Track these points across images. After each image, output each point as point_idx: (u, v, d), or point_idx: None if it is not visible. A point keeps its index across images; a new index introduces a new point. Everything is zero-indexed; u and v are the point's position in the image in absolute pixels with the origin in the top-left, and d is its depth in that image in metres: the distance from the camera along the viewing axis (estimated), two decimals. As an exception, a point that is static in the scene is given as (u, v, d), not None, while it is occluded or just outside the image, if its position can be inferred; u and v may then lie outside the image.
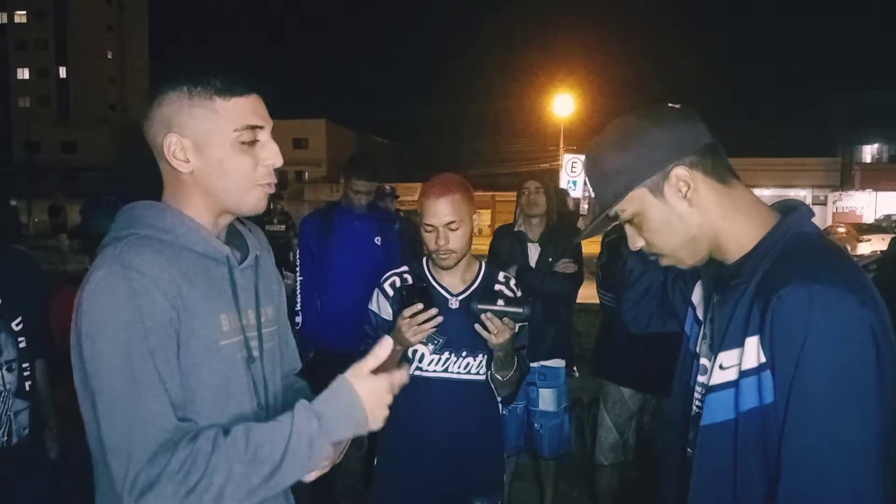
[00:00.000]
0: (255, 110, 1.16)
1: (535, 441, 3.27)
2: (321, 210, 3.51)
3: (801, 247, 1.03)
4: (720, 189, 1.08)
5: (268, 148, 1.18)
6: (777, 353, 0.95)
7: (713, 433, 1.06)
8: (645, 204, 1.09)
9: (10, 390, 1.98)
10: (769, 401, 0.97)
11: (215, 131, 1.12)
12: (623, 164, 1.09)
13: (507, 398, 1.99)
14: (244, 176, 1.15)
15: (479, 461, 1.96)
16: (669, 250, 1.13)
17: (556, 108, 24.65)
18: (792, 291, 0.94)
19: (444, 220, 1.86)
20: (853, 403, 0.91)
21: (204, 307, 1.11)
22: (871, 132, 33.08)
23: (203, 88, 1.12)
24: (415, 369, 1.91)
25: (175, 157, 1.13)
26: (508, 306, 1.75)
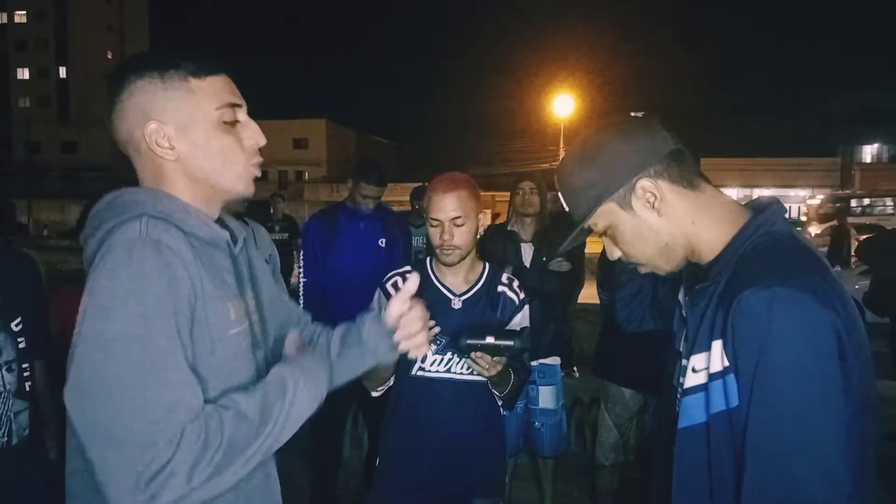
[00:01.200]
0: (230, 89, 1.12)
1: (535, 440, 3.27)
2: (325, 211, 3.51)
3: (767, 248, 1.03)
4: (688, 195, 1.09)
5: (249, 127, 1.14)
6: (739, 356, 0.95)
7: (688, 436, 1.06)
8: (615, 217, 1.11)
9: (9, 391, 1.98)
10: (735, 404, 0.97)
11: (196, 112, 1.08)
12: (589, 180, 1.10)
13: (507, 403, 1.99)
14: (233, 155, 1.11)
15: (481, 461, 1.96)
16: (645, 259, 1.15)
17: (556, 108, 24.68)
18: (751, 295, 0.94)
19: (449, 214, 1.86)
20: (814, 403, 0.90)
21: (215, 294, 1.07)
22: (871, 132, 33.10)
23: (175, 71, 1.07)
24: (417, 369, 1.91)
25: (159, 144, 1.07)
26: (500, 340, 1.70)
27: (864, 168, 32.39)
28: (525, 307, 2.02)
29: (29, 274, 2.17)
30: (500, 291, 1.99)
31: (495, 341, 1.70)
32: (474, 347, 1.71)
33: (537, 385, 3.23)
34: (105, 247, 0.99)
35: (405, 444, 1.94)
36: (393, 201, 19.68)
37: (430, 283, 1.96)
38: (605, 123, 1.14)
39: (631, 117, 1.14)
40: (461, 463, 1.92)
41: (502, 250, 3.25)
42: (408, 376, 1.91)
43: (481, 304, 1.95)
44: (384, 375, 1.93)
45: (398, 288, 1.97)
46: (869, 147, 34.50)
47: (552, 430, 3.25)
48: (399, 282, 1.99)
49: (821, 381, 0.91)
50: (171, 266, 0.98)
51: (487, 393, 1.94)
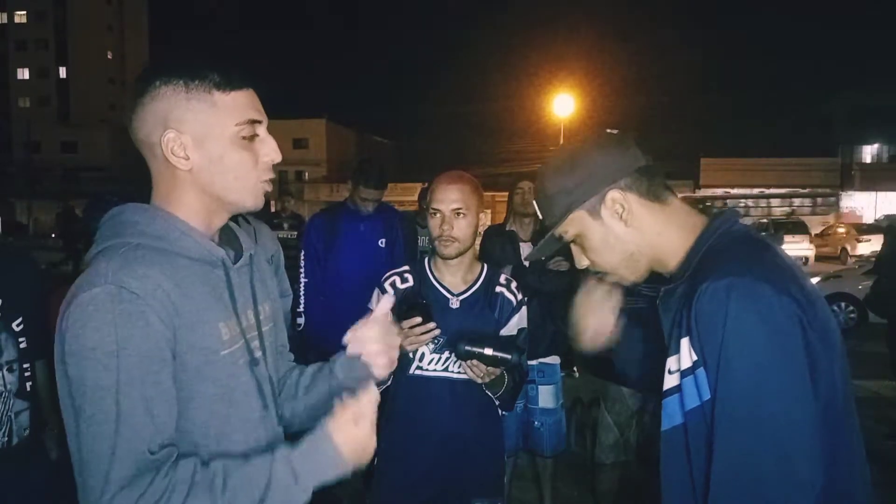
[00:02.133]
0: (253, 104, 1.13)
1: (534, 439, 3.27)
2: (326, 211, 3.51)
3: (724, 245, 1.08)
4: (655, 207, 1.15)
5: (267, 143, 1.15)
6: (704, 347, 0.98)
7: (669, 438, 1.09)
8: (584, 226, 1.17)
9: (10, 391, 1.98)
10: (707, 397, 0.99)
11: (215, 126, 1.08)
12: (563, 188, 1.16)
13: (503, 404, 1.99)
14: (246, 172, 1.12)
15: (480, 461, 1.96)
16: (611, 268, 1.20)
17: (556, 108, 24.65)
18: (711, 287, 0.98)
19: (451, 205, 1.87)
20: (771, 388, 0.92)
21: (202, 319, 1.07)
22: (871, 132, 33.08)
23: (201, 82, 1.08)
24: (415, 368, 1.91)
25: (174, 154, 1.08)
26: (497, 352, 1.71)
27: (864, 168, 32.36)
28: (523, 308, 2.02)
29: (30, 274, 2.17)
30: (498, 292, 1.99)
31: (493, 353, 1.71)
32: (472, 355, 1.72)
33: (537, 384, 3.23)
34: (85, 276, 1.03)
35: (404, 443, 1.94)
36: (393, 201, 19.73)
37: (429, 283, 1.97)
38: (583, 137, 1.21)
39: (606, 133, 1.20)
40: (460, 462, 1.92)
41: (501, 250, 3.26)
42: (405, 375, 1.92)
43: (479, 304, 1.95)
44: None
45: (396, 287, 1.97)
46: (869, 147, 34.47)
47: (551, 429, 3.25)
48: (397, 281, 1.99)
49: (779, 366, 0.93)
50: (132, 315, 0.99)
51: (485, 393, 1.94)
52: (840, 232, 22.60)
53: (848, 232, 22.13)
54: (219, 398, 1.09)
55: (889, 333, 5.12)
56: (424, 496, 1.92)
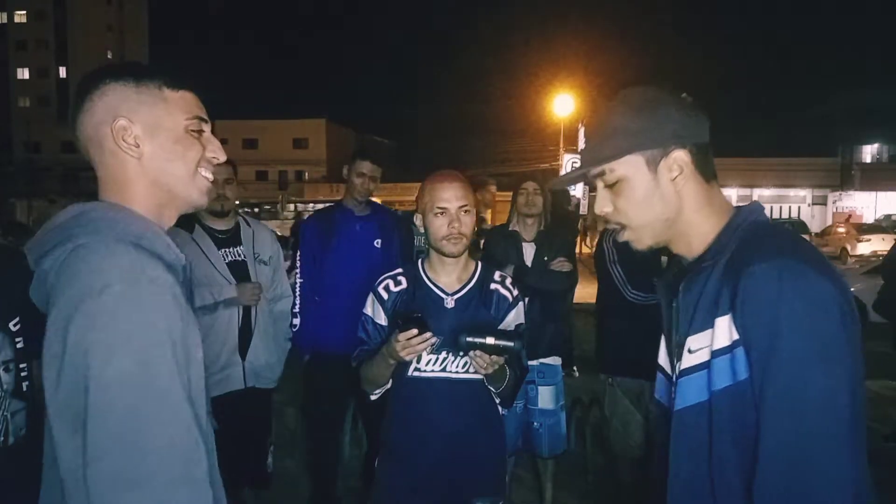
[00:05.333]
0: (199, 105, 1.17)
1: (533, 440, 3.26)
2: (322, 211, 3.50)
3: (763, 231, 1.08)
4: (703, 185, 1.12)
5: (213, 142, 1.19)
6: (749, 328, 0.98)
7: (686, 416, 1.07)
8: (635, 173, 1.10)
9: (7, 391, 1.97)
10: (743, 377, 0.99)
11: (166, 118, 1.12)
12: (633, 126, 1.09)
13: (504, 401, 1.99)
14: (193, 161, 1.15)
15: (480, 461, 1.96)
16: (637, 224, 1.13)
17: (556, 108, 24.63)
18: (762, 268, 0.98)
19: (457, 203, 1.88)
20: (825, 372, 0.94)
21: (190, 319, 1.08)
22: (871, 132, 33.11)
23: (150, 80, 1.12)
24: (413, 370, 1.91)
25: (125, 141, 1.09)
26: (500, 340, 1.71)
27: (864, 168, 32.38)
28: (519, 304, 2.02)
29: (27, 274, 2.16)
30: (493, 289, 1.99)
31: (496, 341, 1.70)
32: (474, 346, 1.71)
33: (536, 385, 3.22)
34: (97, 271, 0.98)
35: (404, 444, 1.94)
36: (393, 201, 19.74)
37: (422, 284, 1.96)
38: (664, 87, 1.14)
39: (686, 95, 1.14)
40: (460, 462, 1.91)
41: (504, 250, 3.26)
42: (404, 377, 1.91)
43: (474, 302, 1.95)
44: (381, 378, 1.92)
45: (389, 291, 1.97)
46: (869, 147, 34.49)
47: (550, 430, 3.24)
48: (390, 285, 1.98)
49: (829, 350, 0.94)
50: (164, 305, 1.00)
51: (485, 392, 1.93)
52: (840, 232, 22.63)
53: (848, 232, 22.16)
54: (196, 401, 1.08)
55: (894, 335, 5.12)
56: (425, 496, 1.91)
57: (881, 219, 27.15)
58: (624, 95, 1.14)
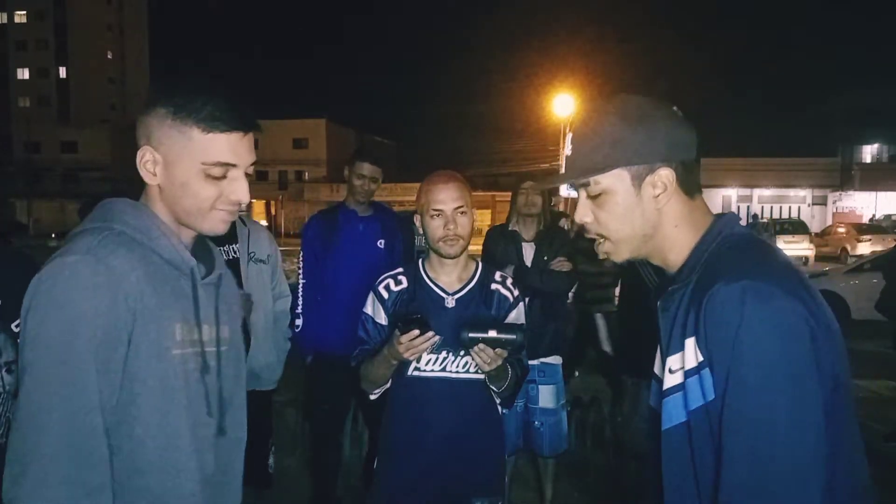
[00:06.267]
0: (233, 148, 1.16)
1: (534, 439, 3.27)
2: (325, 212, 3.49)
3: (732, 247, 1.06)
4: (685, 201, 1.11)
5: (236, 184, 1.19)
6: (712, 349, 0.97)
7: (671, 437, 1.08)
8: (619, 187, 1.10)
9: (9, 391, 1.97)
10: (711, 397, 0.98)
11: (185, 157, 1.15)
12: (624, 140, 1.07)
13: (505, 401, 1.99)
14: (205, 201, 1.17)
15: (480, 460, 1.96)
16: (616, 238, 1.13)
17: (556, 108, 24.62)
18: (722, 288, 0.96)
19: (453, 204, 1.87)
20: (788, 390, 0.92)
21: (160, 314, 1.13)
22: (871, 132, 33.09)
23: (186, 115, 1.14)
24: (413, 369, 1.91)
25: (145, 167, 1.17)
26: (502, 334, 1.70)
27: (864, 168, 32.37)
28: (520, 304, 2.02)
29: (29, 275, 2.16)
30: (494, 289, 1.99)
31: (497, 335, 1.70)
32: (476, 341, 1.71)
33: (537, 384, 3.23)
34: (68, 245, 1.11)
35: (404, 444, 1.94)
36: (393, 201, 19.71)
37: (423, 283, 1.96)
38: (656, 100, 1.12)
39: (675, 109, 1.12)
40: (460, 462, 1.91)
41: (503, 250, 3.26)
42: (404, 377, 1.91)
43: (475, 302, 1.95)
44: (382, 378, 1.92)
45: (390, 290, 1.97)
46: (869, 147, 34.47)
47: (551, 429, 3.25)
48: (391, 284, 1.99)
49: (791, 371, 0.93)
50: (101, 288, 1.06)
51: (485, 392, 1.93)
52: (840, 232, 22.62)
53: (848, 232, 22.15)
54: (161, 394, 1.13)
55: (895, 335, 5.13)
56: (425, 496, 1.91)
57: (881, 219, 27.14)
58: (617, 105, 1.11)
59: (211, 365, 1.22)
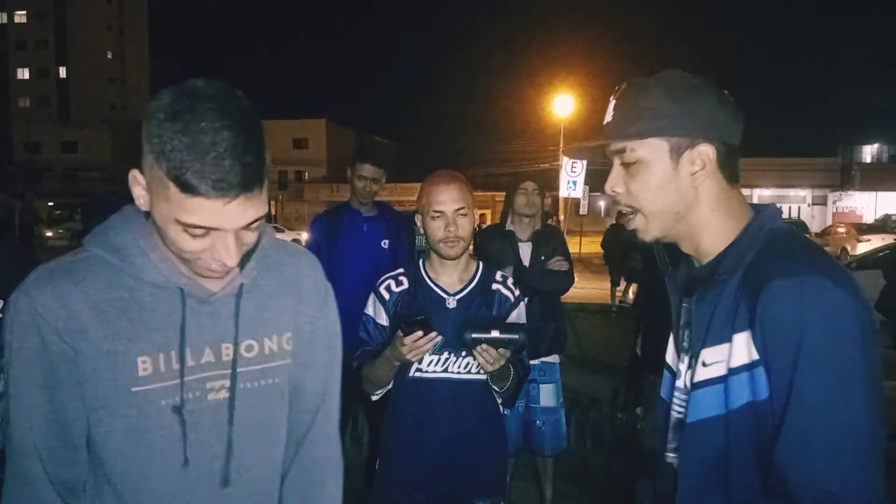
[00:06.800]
0: (215, 213, 0.92)
1: (535, 438, 3.27)
2: (329, 211, 3.49)
3: (781, 241, 1.04)
4: (724, 185, 1.09)
5: (221, 245, 0.96)
6: (771, 349, 0.95)
7: (700, 429, 1.05)
8: (657, 157, 1.07)
9: (10, 391, 1.98)
10: (763, 397, 0.96)
11: (162, 204, 0.94)
12: (666, 110, 1.05)
13: (507, 401, 1.99)
14: (186, 254, 0.99)
15: (482, 461, 1.96)
16: (647, 211, 1.10)
17: (556, 108, 24.64)
18: (782, 285, 0.94)
19: (453, 205, 1.87)
20: (849, 394, 0.92)
21: (114, 349, 1.00)
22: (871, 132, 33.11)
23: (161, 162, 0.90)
24: (415, 370, 1.91)
25: (135, 193, 0.99)
26: (504, 334, 1.70)
27: (864, 168, 32.37)
28: (521, 304, 2.02)
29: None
30: (495, 289, 1.99)
31: (500, 335, 1.70)
32: (479, 341, 1.71)
33: (538, 383, 3.23)
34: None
35: (405, 444, 1.94)
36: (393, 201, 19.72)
37: (424, 284, 1.96)
38: (706, 79, 1.10)
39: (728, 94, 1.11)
40: (461, 463, 1.91)
41: (500, 250, 3.26)
42: (405, 378, 1.91)
43: (476, 302, 1.95)
44: (383, 379, 1.93)
45: (391, 291, 1.97)
46: (869, 147, 34.50)
47: (552, 428, 3.25)
48: (392, 285, 1.98)
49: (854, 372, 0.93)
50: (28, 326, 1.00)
51: (486, 392, 1.93)
52: (840, 232, 22.62)
53: (848, 232, 22.15)
54: (126, 435, 1.02)
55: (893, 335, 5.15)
56: (425, 496, 1.91)
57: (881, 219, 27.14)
58: (665, 76, 1.09)
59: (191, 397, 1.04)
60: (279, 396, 1.15)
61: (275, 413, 1.15)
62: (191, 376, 1.05)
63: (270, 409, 1.14)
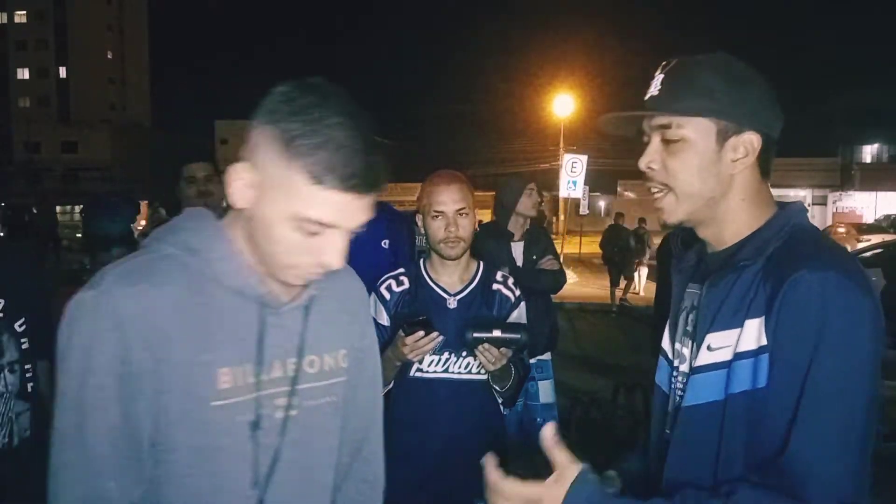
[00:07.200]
0: (340, 209, 0.92)
1: (535, 436, 3.27)
2: None
3: (806, 236, 1.05)
4: (757, 178, 1.09)
5: (330, 247, 0.95)
6: (786, 337, 0.95)
7: (696, 413, 1.06)
8: (703, 137, 1.05)
9: (11, 392, 1.98)
10: (762, 385, 0.97)
11: (279, 197, 0.91)
12: (719, 91, 1.04)
13: (507, 400, 1.99)
14: (285, 256, 0.95)
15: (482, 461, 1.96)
16: (680, 190, 1.07)
17: (556, 108, 24.63)
18: (807, 277, 0.94)
19: (454, 206, 1.87)
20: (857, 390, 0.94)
21: (196, 359, 0.94)
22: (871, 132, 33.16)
23: (296, 153, 0.89)
24: (415, 370, 1.91)
25: (239, 186, 0.94)
26: (506, 333, 1.71)
27: (864, 168, 32.38)
28: (521, 304, 2.03)
29: (33, 274, 2.17)
30: (496, 289, 1.99)
31: (502, 334, 1.71)
32: (481, 341, 1.71)
33: (536, 380, 3.25)
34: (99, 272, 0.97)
35: (406, 445, 1.94)
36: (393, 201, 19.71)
37: (424, 284, 1.96)
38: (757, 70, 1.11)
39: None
40: (462, 463, 1.91)
41: (497, 249, 3.27)
42: (406, 378, 1.91)
43: (476, 302, 1.95)
44: (384, 379, 1.93)
45: (392, 291, 1.97)
46: (869, 147, 34.51)
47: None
48: (392, 285, 1.99)
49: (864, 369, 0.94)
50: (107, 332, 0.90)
51: (486, 392, 1.94)
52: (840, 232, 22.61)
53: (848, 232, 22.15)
54: (199, 455, 0.95)
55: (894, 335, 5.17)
56: (426, 496, 1.92)
57: (881, 219, 27.14)
58: (720, 59, 1.07)
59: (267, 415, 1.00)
60: (336, 415, 1.12)
61: (333, 432, 1.12)
62: (263, 391, 1.00)
63: (329, 428, 1.11)
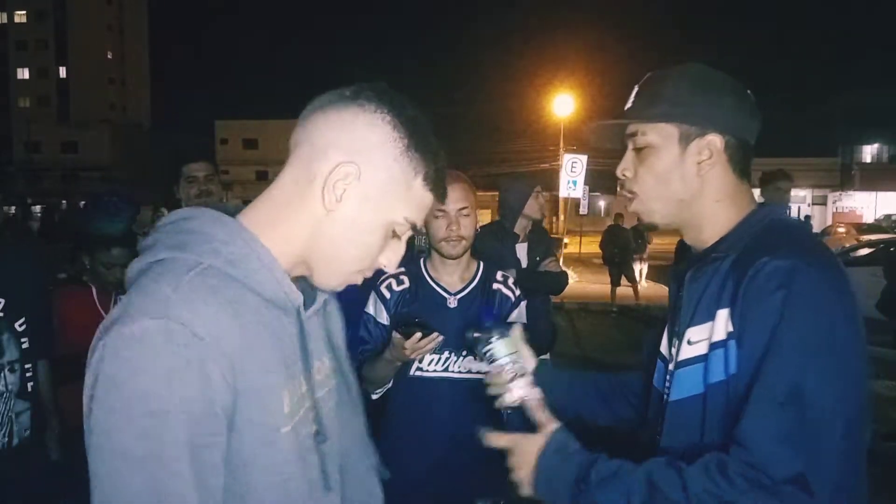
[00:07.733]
0: (426, 212, 0.95)
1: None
2: None
3: (780, 228, 1.07)
4: (732, 180, 1.11)
5: (397, 250, 0.95)
6: (747, 320, 0.97)
7: (681, 409, 1.07)
8: (665, 143, 1.09)
9: (11, 391, 1.98)
10: (733, 372, 0.98)
11: (389, 199, 0.89)
12: (680, 98, 1.08)
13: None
14: (358, 259, 0.92)
15: (482, 461, 1.96)
16: (648, 196, 1.13)
17: (556, 108, 24.61)
18: (769, 264, 0.96)
19: (456, 205, 1.88)
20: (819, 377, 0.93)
21: (265, 384, 0.84)
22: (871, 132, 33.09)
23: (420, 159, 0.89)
24: (415, 370, 1.91)
25: (334, 190, 0.86)
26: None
27: (864, 168, 32.36)
28: (522, 304, 2.03)
29: (33, 274, 2.17)
30: (496, 289, 1.99)
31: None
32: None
33: (536, 381, 3.26)
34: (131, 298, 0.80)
35: (405, 444, 1.94)
36: (393, 201, 19.71)
37: (425, 283, 1.97)
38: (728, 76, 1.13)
39: (749, 92, 1.14)
40: (462, 463, 1.92)
41: (500, 250, 3.27)
42: (406, 377, 1.91)
43: (477, 302, 1.95)
44: (384, 379, 1.93)
45: (392, 290, 1.97)
46: (869, 147, 34.47)
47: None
48: (392, 284, 1.99)
49: (828, 358, 0.93)
50: (189, 366, 0.75)
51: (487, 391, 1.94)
52: (840, 232, 22.62)
53: (848, 232, 22.15)
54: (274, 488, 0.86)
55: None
56: (426, 496, 1.92)
57: (881, 219, 27.15)
58: (690, 68, 1.12)
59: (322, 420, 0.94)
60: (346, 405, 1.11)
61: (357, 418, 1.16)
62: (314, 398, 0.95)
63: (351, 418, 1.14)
